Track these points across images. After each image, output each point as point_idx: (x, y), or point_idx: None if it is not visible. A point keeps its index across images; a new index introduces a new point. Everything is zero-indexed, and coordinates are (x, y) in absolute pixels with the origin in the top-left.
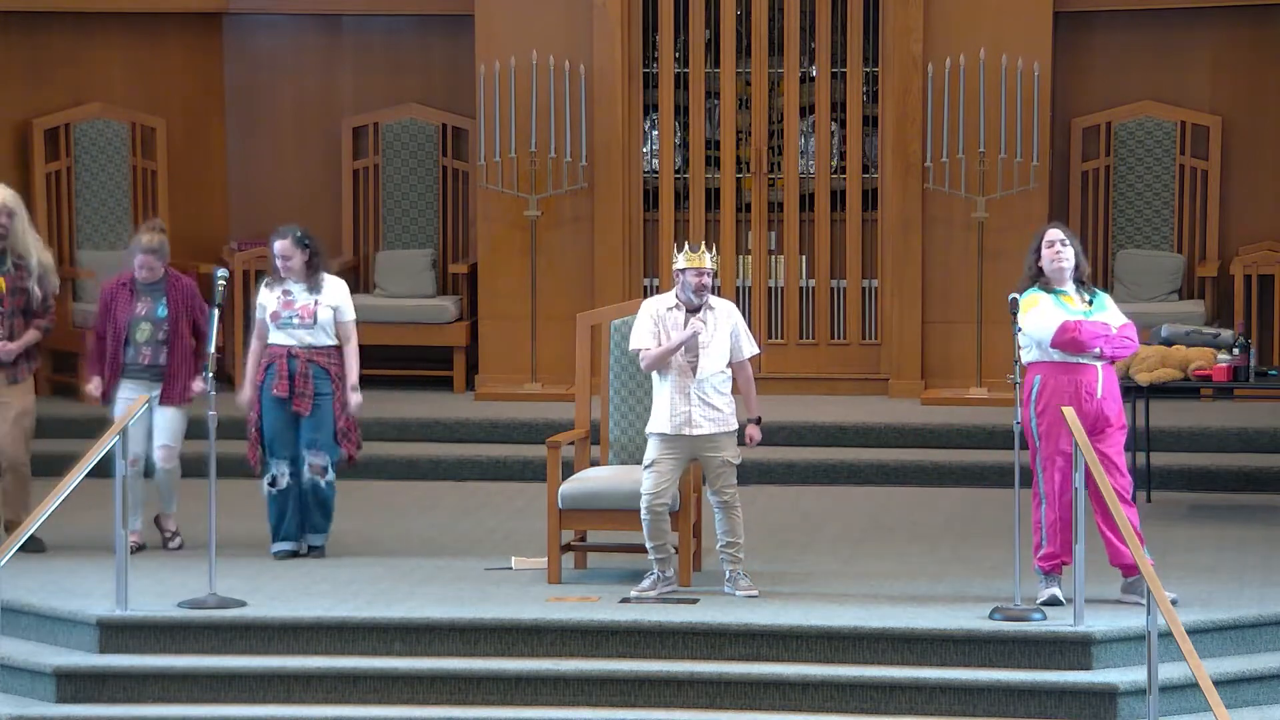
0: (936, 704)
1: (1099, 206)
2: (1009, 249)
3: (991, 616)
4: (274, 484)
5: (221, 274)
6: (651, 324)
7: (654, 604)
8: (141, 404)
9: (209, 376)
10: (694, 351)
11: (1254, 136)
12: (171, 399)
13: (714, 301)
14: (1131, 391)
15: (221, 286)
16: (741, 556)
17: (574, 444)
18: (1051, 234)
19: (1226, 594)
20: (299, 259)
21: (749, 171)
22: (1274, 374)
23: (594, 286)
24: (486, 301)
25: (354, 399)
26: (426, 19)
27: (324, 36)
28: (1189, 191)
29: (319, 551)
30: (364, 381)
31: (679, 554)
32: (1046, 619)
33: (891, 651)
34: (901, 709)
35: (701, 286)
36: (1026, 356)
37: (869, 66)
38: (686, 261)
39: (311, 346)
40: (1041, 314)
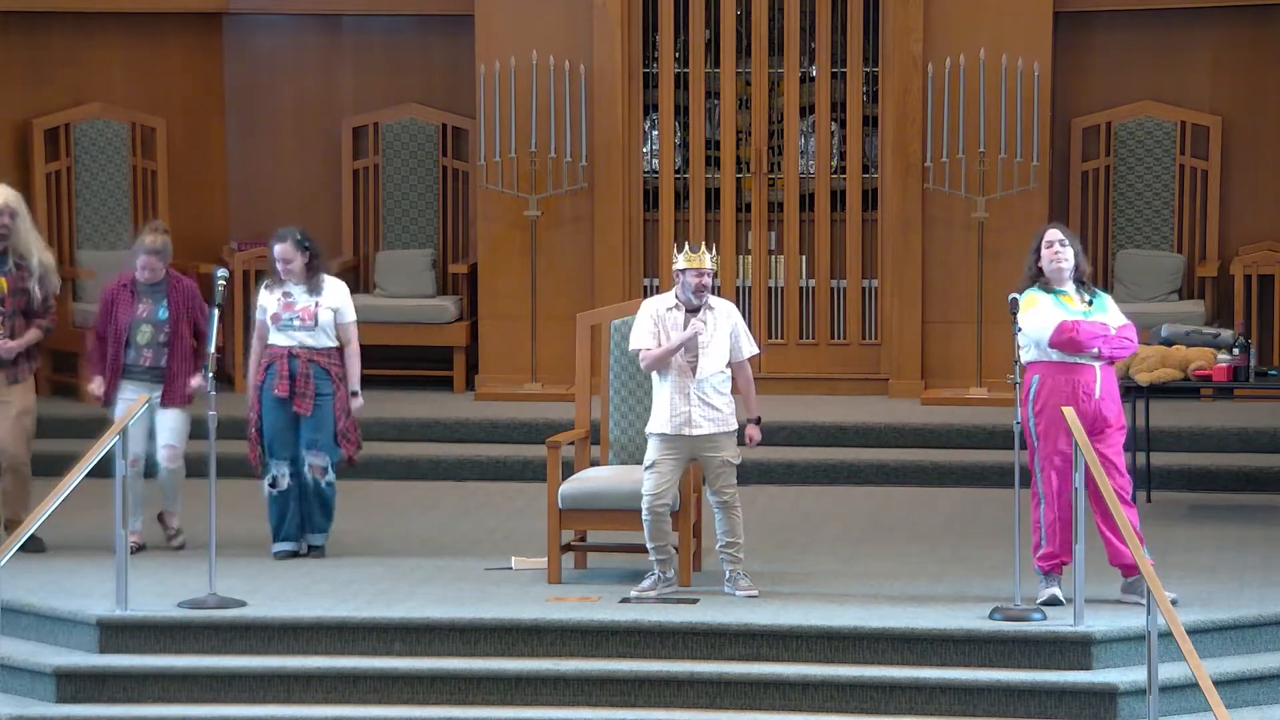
0: (936, 704)
1: (1099, 206)
2: (1009, 249)
3: (991, 616)
4: (274, 485)
5: (221, 274)
6: (651, 324)
7: (654, 604)
8: (142, 404)
9: (209, 375)
10: (694, 352)
11: (1254, 136)
12: (173, 400)
13: (714, 302)
14: (1131, 391)
15: (221, 287)
16: (741, 556)
17: (574, 444)
18: (1051, 234)
19: (1226, 594)
20: (299, 262)
21: (749, 171)
22: (1274, 374)
23: (594, 286)
24: (486, 301)
25: (355, 404)
26: (426, 19)
27: (324, 36)
28: (1189, 191)
29: (319, 551)
30: (364, 381)
31: (679, 554)
32: (1046, 619)
33: (891, 651)
34: (901, 709)
35: (701, 287)
36: (1025, 356)
37: (869, 66)
38: (686, 262)
39: (312, 348)
40: (1040, 314)
